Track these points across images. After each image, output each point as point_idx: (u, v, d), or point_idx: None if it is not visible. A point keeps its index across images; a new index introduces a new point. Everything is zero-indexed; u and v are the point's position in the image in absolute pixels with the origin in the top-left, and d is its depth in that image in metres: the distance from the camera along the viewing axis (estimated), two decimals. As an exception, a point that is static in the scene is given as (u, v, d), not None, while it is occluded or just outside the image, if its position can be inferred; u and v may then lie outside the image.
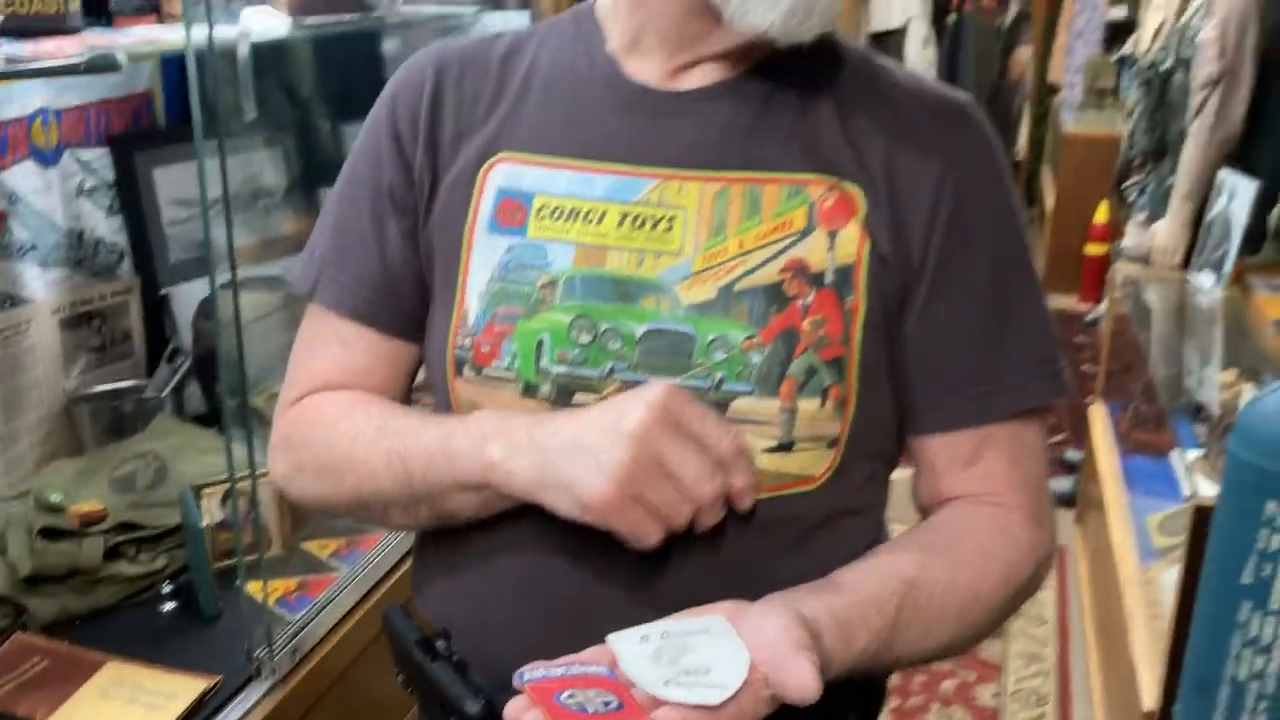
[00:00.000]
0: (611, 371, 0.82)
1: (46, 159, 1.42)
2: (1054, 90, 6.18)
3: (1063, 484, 3.30)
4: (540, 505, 0.77)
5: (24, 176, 1.39)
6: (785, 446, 0.81)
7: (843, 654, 0.74)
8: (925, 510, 0.89)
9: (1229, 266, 2.64)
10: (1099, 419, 3.00)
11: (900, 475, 0.92)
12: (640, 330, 0.81)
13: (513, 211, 0.85)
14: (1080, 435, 3.38)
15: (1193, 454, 2.01)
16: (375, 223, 0.89)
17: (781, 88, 0.85)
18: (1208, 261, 2.72)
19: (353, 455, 0.86)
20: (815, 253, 0.82)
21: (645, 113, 0.85)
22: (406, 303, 0.90)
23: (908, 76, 0.89)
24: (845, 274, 0.82)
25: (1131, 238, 3.19)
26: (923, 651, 0.82)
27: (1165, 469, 2.53)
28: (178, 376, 1.53)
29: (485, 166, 0.86)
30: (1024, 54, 6.17)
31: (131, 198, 1.54)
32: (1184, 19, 3.04)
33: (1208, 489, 1.78)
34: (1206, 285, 2.68)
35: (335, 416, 0.88)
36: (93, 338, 1.51)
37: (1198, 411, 2.18)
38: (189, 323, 1.58)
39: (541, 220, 0.84)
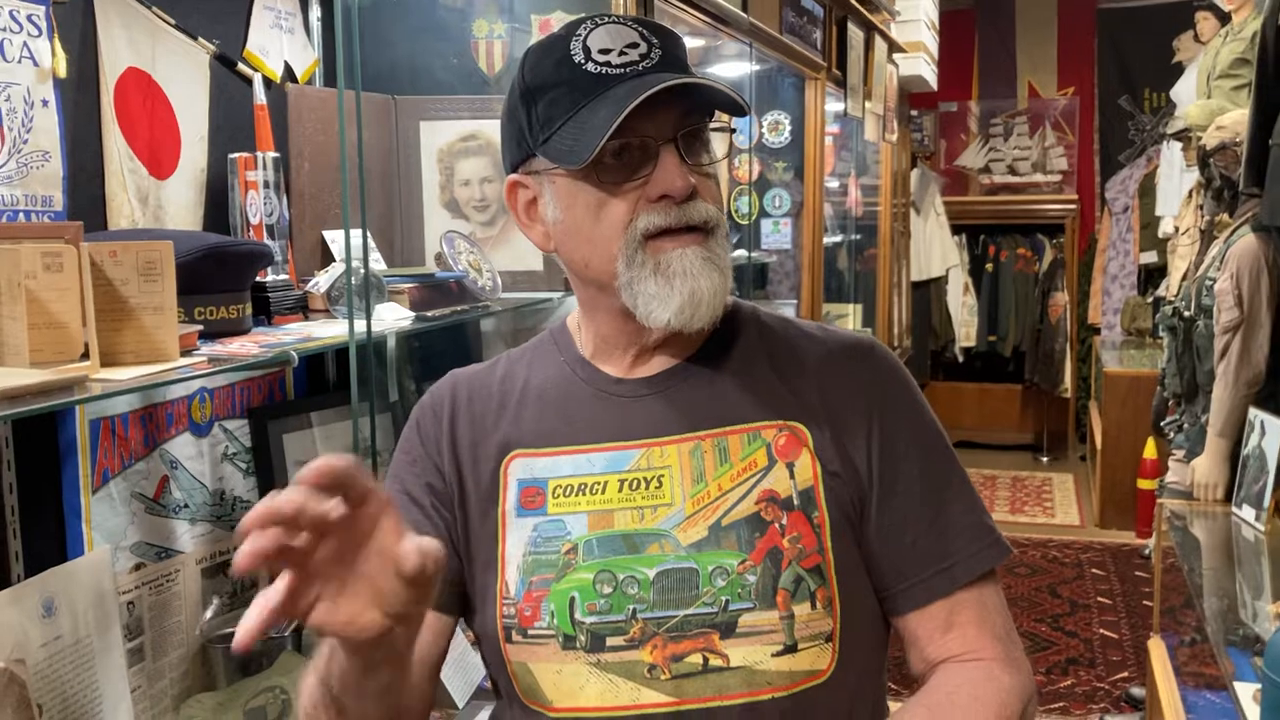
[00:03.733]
0: (634, 613, 0.99)
1: (201, 430, 1.66)
2: (1095, 330, 6.44)
3: (1130, 720, 3.30)
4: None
5: (182, 446, 1.62)
6: (790, 649, 0.98)
7: None
8: (921, 677, 1.05)
9: (1268, 500, 2.76)
10: (1158, 654, 3.04)
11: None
12: (652, 573, 0.99)
13: (532, 496, 1.05)
14: (1144, 671, 3.39)
15: (1252, 687, 2.08)
16: (416, 519, 1.06)
17: (723, 362, 1.07)
18: (1248, 495, 2.84)
19: None
20: (780, 482, 1.02)
21: (621, 398, 1.07)
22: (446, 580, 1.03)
23: (816, 327, 1.12)
24: (808, 495, 1.02)
25: (1173, 474, 3.31)
26: None
27: (1227, 703, 2.55)
28: (298, 618, 1.71)
29: (504, 464, 1.07)
30: (1061, 298, 6.47)
31: (264, 460, 1.77)
32: (1201, 269, 3.27)
33: (1267, 721, 1.84)
34: (1249, 518, 2.79)
35: None
36: (226, 584, 1.70)
37: (1254, 644, 2.26)
38: (309, 569, 1.77)
39: (557, 499, 1.04)
